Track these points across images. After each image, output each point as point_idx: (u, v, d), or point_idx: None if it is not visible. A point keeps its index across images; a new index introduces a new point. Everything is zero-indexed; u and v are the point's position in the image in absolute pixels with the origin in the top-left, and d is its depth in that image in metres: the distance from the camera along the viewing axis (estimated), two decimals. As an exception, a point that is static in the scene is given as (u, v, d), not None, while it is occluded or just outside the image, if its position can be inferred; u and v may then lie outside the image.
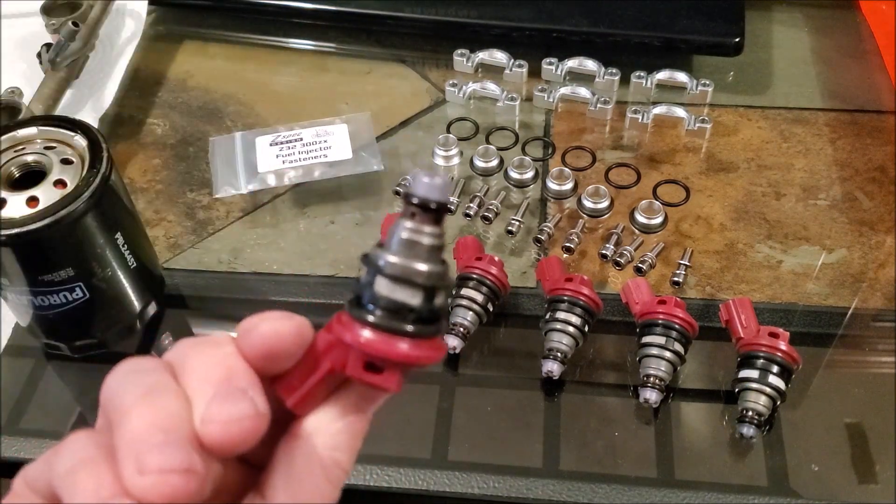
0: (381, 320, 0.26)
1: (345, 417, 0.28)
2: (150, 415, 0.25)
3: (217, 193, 0.65)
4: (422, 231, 0.26)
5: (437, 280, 0.26)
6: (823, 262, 0.60)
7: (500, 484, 0.50)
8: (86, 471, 0.24)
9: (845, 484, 0.50)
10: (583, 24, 0.73)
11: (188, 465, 0.24)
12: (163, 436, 0.24)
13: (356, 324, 0.26)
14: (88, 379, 0.57)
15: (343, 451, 0.27)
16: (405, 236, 0.26)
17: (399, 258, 0.26)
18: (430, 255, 0.26)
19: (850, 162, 0.67)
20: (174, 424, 0.24)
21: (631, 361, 0.54)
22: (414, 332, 0.26)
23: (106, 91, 0.72)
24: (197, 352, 0.27)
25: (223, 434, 0.25)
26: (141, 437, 0.24)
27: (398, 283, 0.26)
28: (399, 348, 0.26)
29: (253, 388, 0.26)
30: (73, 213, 0.48)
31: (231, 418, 0.25)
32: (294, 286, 0.61)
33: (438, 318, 0.27)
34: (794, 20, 0.81)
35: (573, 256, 0.61)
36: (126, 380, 0.26)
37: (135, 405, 0.25)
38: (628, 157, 0.68)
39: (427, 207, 0.26)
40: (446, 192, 0.27)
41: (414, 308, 0.26)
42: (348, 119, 0.68)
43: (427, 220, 0.26)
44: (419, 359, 0.26)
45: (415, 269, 0.26)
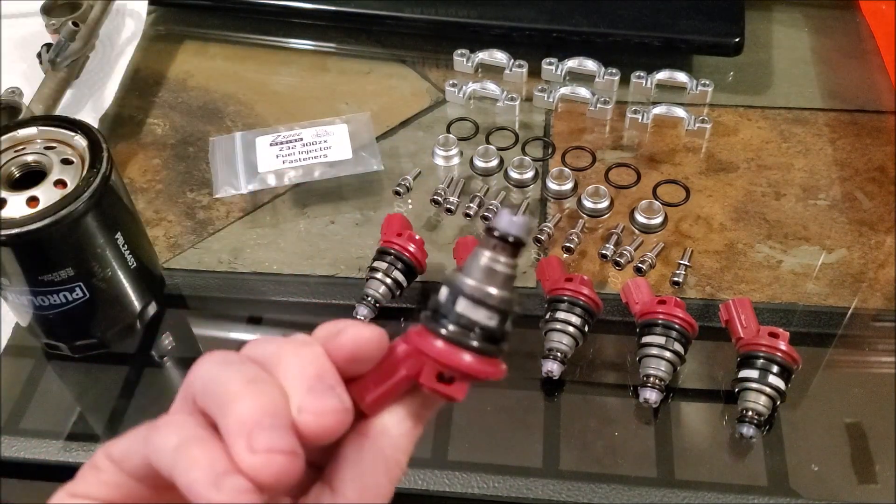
0: (457, 335, 0.29)
1: (408, 422, 0.30)
2: (258, 401, 0.26)
3: (217, 193, 0.65)
4: (499, 260, 0.29)
5: (509, 305, 0.29)
6: (823, 262, 0.60)
7: (500, 484, 0.50)
8: (198, 447, 0.26)
9: (845, 484, 0.50)
10: (583, 24, 0.73)
11: (293, 447, 0.26)
12: (270, 419, 0.26)
13: (434, 337, 0.29)
14: (88, 379, 0.57)
15: (403, 452, 0.30)
16: (484, 263, 0.29)
17: (478, 282, 0.29)
18: (505, 282, 0.29)
19: (850, 162, 0.67)
20: (279, 411, 0.27)
21: (631, 361, 0.54)
22: (486, 349, 0.29)
23: (106, 91, 0.72)
24: (290, 350, 0.29)
25: (317, 424, 0.27)
26: (251, 420, 0.26)
27: (476, 304, 0.29)
28: (471, 361, 0.28)
29: (339, 386, 0.28)
30: (73, 213, 0.48)
31: (324, 410, 0.27)
32: (294, 286, 0.61)
33: (505, 339, 0.30)
34: (794, 20, 0.81)
35: (573, 256, 0.61)
36: (225, 369, 0.28)
37: (241, 391, 0.27)
38: (628, 157, 0.68)
39: (506, 241, 0.29)
40: (526, 230, 0.29)
41: (487, 328, 0.29)
42: (348, 119, 0.68)
43: (505, 251, 0.29)
44: (488, 373, 0.29)
45: (491, 292, 0.29)
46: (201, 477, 0.25)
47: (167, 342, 0.58)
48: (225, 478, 0.25)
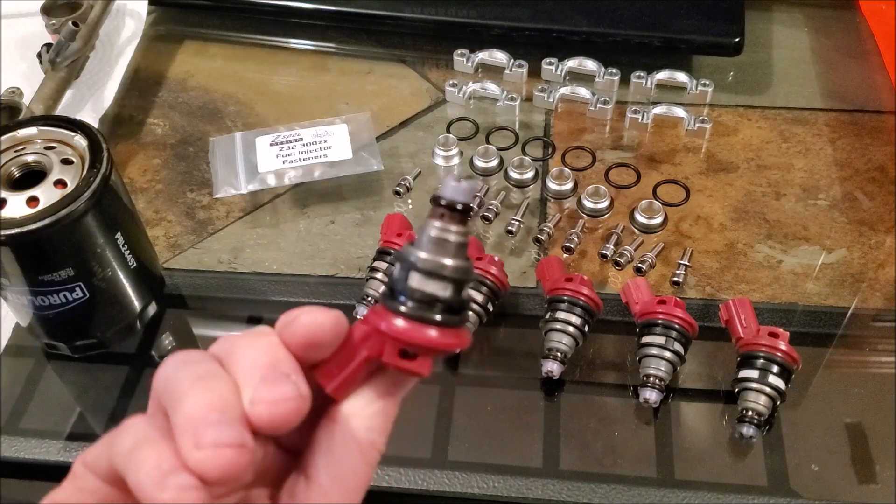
0: (414, 311, 0.28)
1: (379, 401, 0.30)
2: (205, 397, 0.27)
3: (217, 193, 0.65)
4: (449, 230, 0.29)
5: (463, 274, 0.29)
6: (823, 262, 0.60)
7: (500, 484, 0.50)
8: (147, 448, 0.26)
9: (845, 484, 0.50)
10: (583, 24, 0.73)
11: (240, 440, 0.26)
12: (217, 414, 0.26)
13: (391, 314, 0.29)
14: (88, 379, 0.57)
15: (377, 432, 0.30)
16: (434, 234, 0.29)
17: (429, 254, 0.29)
18: (457, 251, 0.29)
19: (850, 162, 0.67)
20: (226, 405, 0.27)
21: (631, 361, 0.54)
22: (444, 321, 0.29)
23: (106, 91, 0.72)
24: (243, 342, 0.29)
25: (270, 413, 0.27)
26: (197, 416, 0.26)
27: (429, 277, 0.29)
28: (431, 336, 0.28)
29: (295, 373, 0.28)
30: (73, 213, 0.48)
31: (277, 399, 0.27)
32: (294, 286, 0.61)
33: (464, 308, 0.30)
34: (794, 20, 0.81)
35: (573, 256, 0.61)
36: (179, 368, 0.28)
37: (190, 389, 0.27)
38: (628, 157, 0.68)
39: (454, 208, 0.29)
40: (471, 195, 0.29)
41: (443, 299, 0.29)
42: (348, 119, 0.68)
43: (454, 219, 0.29)
44: (449, 345, 0.29)
45: (443, 263, 0.29)
46: (147, 477, 0.26)
47: (167, 342, 0.58)
48: (169, 476, 0.25)
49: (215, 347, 0.30)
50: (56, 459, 0.52)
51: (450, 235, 0.29)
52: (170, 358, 0.29)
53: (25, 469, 0.53)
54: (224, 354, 0.29)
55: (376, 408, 0.30)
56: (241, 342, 0.29)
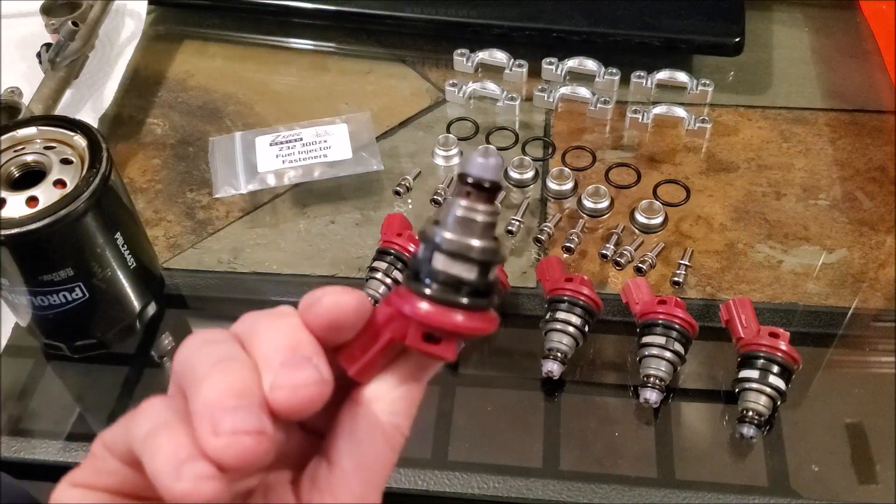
0: (438, 293, 0.27)
1: (403, 385, 0.29)
2: (224, 381, 0.26)
3: (217, 193, 0.65)
4: (475, 209, 0.28)
5: (491, 255, 0.28)
6: (823, 262, 0.60)
7: (500, 484, 0.50)
8: (164, 434, 0.26)
9: (845, 484, 0.50)
10: (583, 24, 0.73)
11: (259, 427, 0.25)
12: (235, 400, 0.25)
13: (415, 297, 0.27)
14: (88, 379, 0.57)
15: (401, 416, 0.29)
16: (460, 214, 0.27)
17: (455, 235, 0.27)
18: (484, 231, 0.28)
19: (850, 162, 0.67)
20: (246, 390, 0.26)
21: (631, 361, 0.54)
22: (469, 304, 0.27)
23: (106, 91, 0.72)
24: (264, 324, 0.28)
25: (291, 399, 0.26)
26: (215, 402, 0.25)
27: (455, 259, 0.27)
28: (456, 319, 0.27)
29: (317, 357, 0.27)
30: (73, 213, 0.48)
31: (298, 384, 0.26)
32: (294, 286, 0.61)
33: (491, 291, 0.28)
34: (794, 20, 0.81)
35: (573, 256, 0.61)
36: (199, 349, 0.28)
37: (209, 372, 0.26)
38: (628, 157, 0.68)
39: (481, 186, 0.27)
40: (499, 171, 0.28)
41: (469, 282, 0.27)
42: (348, 119, 0.68)
43: (481, 198, 0.28)
44: (475, 329, 0.27)
45: (470, 244, 0.27)
46: (163, 465, 0.25)
47: (167, 342, 0.58)
48: (186, 465, 0.25)
49: (237, 326, 0.29)
50: (56, 459, 0.52)
51: (477, 215, 0.28)
52: (190, 337, 0.28)
53: (25, 469, 0.53)
54: (245, 335, 0.28)
55: (401, 392, 0.29)
56: (263, 323, 0.28)
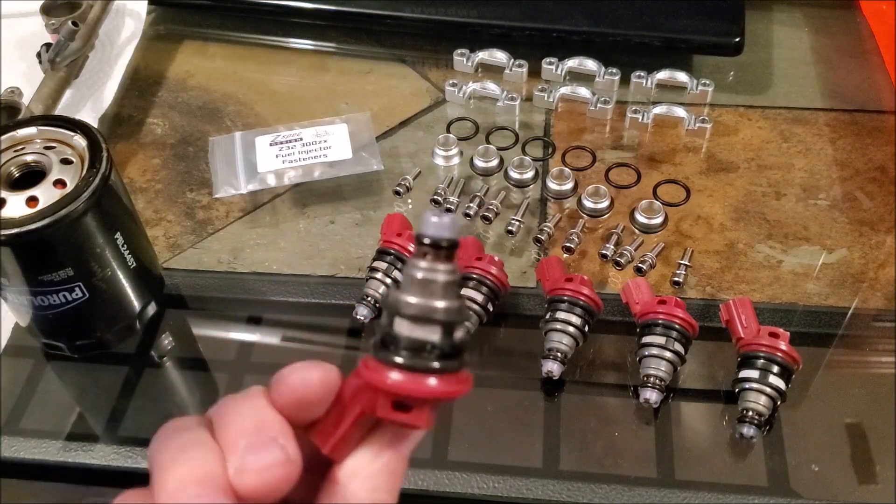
0: (403, 360, 0.27)
1: (381, 458, 0.28)
2: (185, 470, 0.26)
3: (217, 193, 0.65)
4: (436, 269, 0.27)
5: (454, 315, 0.27)
6: (823, 262, 0.60)
7: (500, 484, 0.50)
8: None
9: (845, 484, 0.50)
10: (583, 24, 0.73)
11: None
12: (197, 489, 0.25)
13: (381, 366, 0.27)
14: (88, 379, 0.57)
15: (383, 491, 0.28)
16: (420, 276, 0.27)
17: (416, 298, 0.27)
18: (446, 291, 0.27)
19: (850, 162, 0.67)
20: (207, 477, 0.26)
21: (631, 361, 0.54)
22: (436, 368, 0.27)
23: (106, 91, 0.72)
24: (230, 406, 0.28)
25: (257, 482, 0.26)
26: (176, 491, 0.25)
27: (416, 322, 0.27)
28: (422, 385, 0.27)
29: (284, 437, 0.27)
30: (73, 213, 0.48)
31: (263, 467, 0.26)
32: (294, 286, 0.61)
33: (460, 352, 0.28)
34: (794, 20, 0.81)
35: (573, 256, 0.61)
36: (166, 439, 0.27)
37: (171, 462, 0.26)
38: (628, 157, 0.68)
39: (439, 246, 0.27)
40: (455, 229, 0.27)
41: (435, 344, 0.27)
42: (348, 119, 0.68)
43: (439, 257, 0.27)
44: (444, 393, 0.27)
45: (431, 306, 0.27)
46: None
47: (167, 342, 0.58)
48: None
49: (211, 410, 0.29)
50: (56, 459, 0.52)
51: (437, 275, 0.27)
52: (162, 427, 0.28)
53: (25, 469, 0.53)
54: (215, 419, 0.28)
55: (379, 465, 0.28)
56: (230, 406, 0.28)
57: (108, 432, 0.54)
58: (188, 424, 0.28)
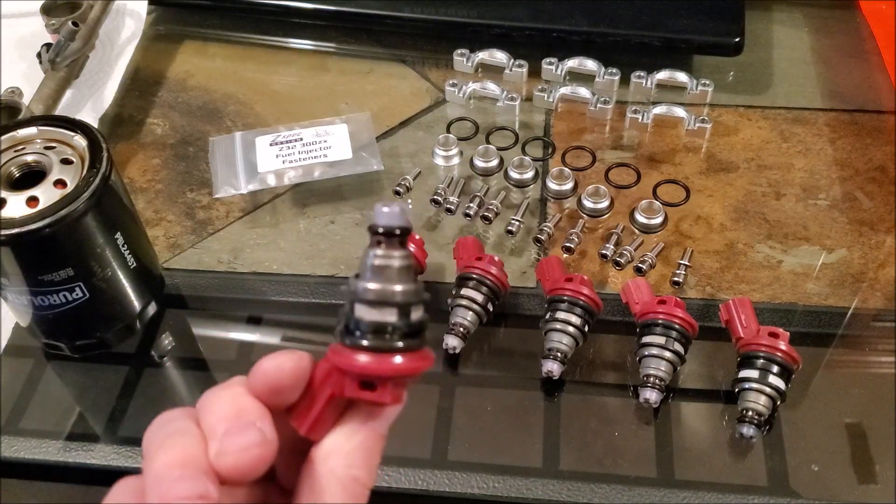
0: (365, 341, 0.29)
1: (356, 436, 0.30)
2: (170, 454, 0.28)
3: (217, 193, 0.65)
4: (390, 255, 0.29)
5: (409, 297, 0.29)
6: (823, 262, 0.60)
7: (500, 484, 0.50)
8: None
9: (845, 484, 0.50)
10: (583, 24, 0.73)
11: (202, 492, 0.27)
12: (180, 471, 0.28)
13: (345, 349, 0.29)
14: (88, 379, 0.57)
15: (359, 467, 0.30)
16: (376, 263, 0.29)
17: (373, 283, 0.29)
18: (401, 275, 0.29)
19: (850, 162, 0.67)
20: (190, 460, 0.28)
21: (631, 361, 0.54)
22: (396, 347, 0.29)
23: (106, 91, 0.72)
24: (211, 395, 0.30)
25: (235, 463, 0.28)
26: (161, 474, 0.28)
27: (373, 306, 0.29)
28: (383, 364, 0.28)
29: (261, 420, 0.29)
30: (73, 213, 0.48)
31: (240, 448, 0.28)
32: (294, 286, 0.61)
33: (419, 331, 0.29)
34: (794, 20, 0.81)
35: (573, 256, 0.61)
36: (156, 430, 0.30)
37: (158, 448, 0.29)
38: (628, 157, 0.68)
39: (391, 234, 0.29)
40: (405, 217, 0.29)
41: (394, 325, 0.29)
42: (348, 119, 0.68)
43: (392, 244, 0.29)
44: (403, 370, 0.29)
45: (388, 290, 0.29)
46: None
47: (167, 342, 0.58)
48: None
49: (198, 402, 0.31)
50: (56, 459, 0.52)
51: (393, 261, 0.29)
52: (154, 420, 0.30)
53: (25, 469, 0.53)
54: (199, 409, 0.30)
55: (354, 443, 0.30)
56: (212, 395, 0.30)
57: (108, 432, 0.54)
58: (176, 415, 0.30)
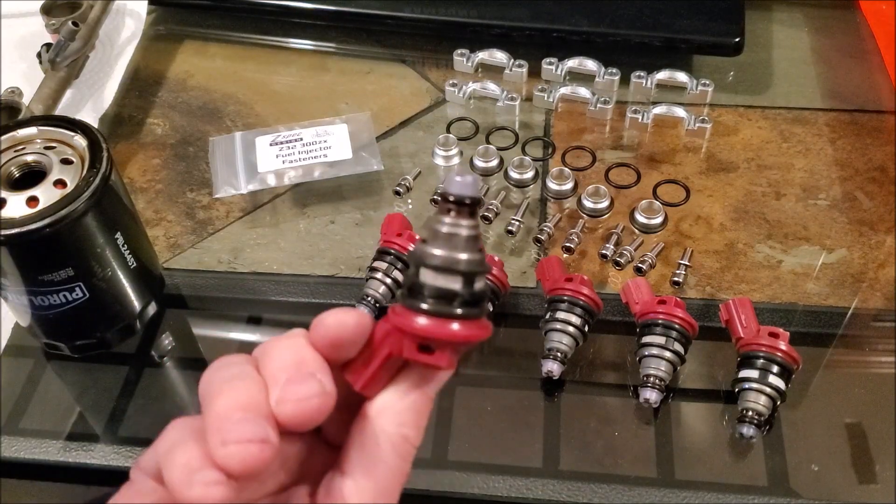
0: (427, 306, 0.29)
1: (408, 396, 0.31)
2: (232, 398, 0.29)
3: (217, 193, 0.65)
4: (459, 224, 0.30)
5: (475, 266, 0.30)
6: (823, 262, 0.60)
7: (500, 484, 0.50)
8: (179, 449, 0.28)
9: (845, 484, 0.50)
10: (583, 24, 0.73)
11: (263, 436, 0.28)
12: (242, 413, 0.28)
13: (407, 311, 0.30)
14: (88, 379, 0.57)
15: (409, 426, 0.31)
16: (445, 230, 0.30)
17: (440, 250, 0.30)
18: (468, 245, 0.30)
19: (850, 162, 0.67)
20: (252, 404, 0.28)
21: (631, 361, 0.54)
22: (457, 314, 0.29)
23: (106, 91, 0.72)
24: (273, 345, 0.31)
25: (295, 411, 0.29)
26: (223, 415, 0.28)
27: (440, 273, 0.29)
28: (444, 329, 0.29)
29: (321, 372, 0.30)
30: (73, 213, 0.48)
31: (301, 397, 0.29)
32: (294, 286, 0.61)
33: (480, 300, 0.30)
34: (794, 20, 0.81)
35: (573, 256, 0.61)
36: (216, 372, 0.30)
37: (220, 391, 0.29)
38: (628, 157, 0.68)
39: (462, 203, 0.30)
40: (478, 188, 0.30)
41: (457, 292, 0.29)
42: (348, 119, 0.68)
43: (463, 214, 0.30)
44: (463, 336, 0.29)
45: (455, 258, 0.29)
46: (177, 476, 0.28)
47: (167, 342, 0.58)
48: (196, 473, 0.27)
49: (256, 350, 0.31)
50: (56, 459, 0.52)
51: (461, 230, 0.30)
52: (213, 363, 0.31)
53: (25, 469, 0.53)
54: (259, 357, 0.31)
55: (406, 403, 0.31)
56: (273, 344, 0.31)
57: (108, 432, 0.54)
58: (236, 360, 0.31)
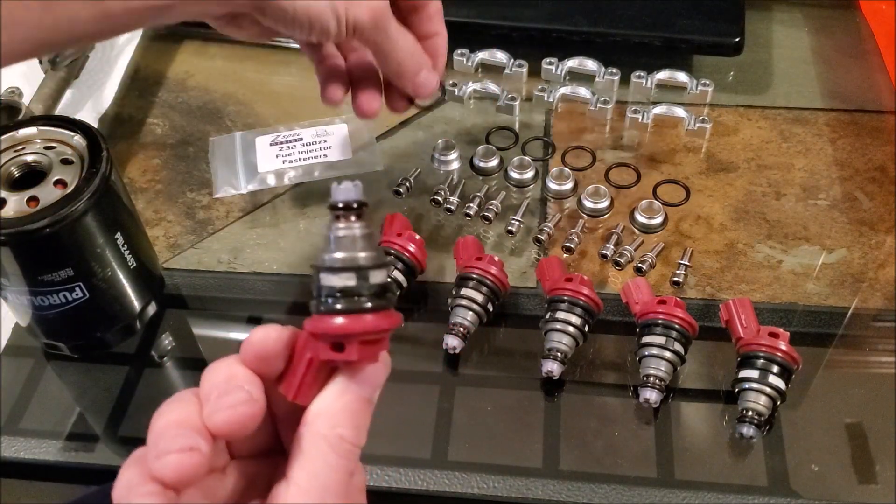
0: (327, 307, 0.31)
1: (341, 399, 0.32)
2: (166, 418, 0.32)
3: (217, 193, 0.65)
4: (351, 227, 0.32)
5: (370, 261, 0.31)
6: (823, 262, 0.60)
7: (500, 484, 0.50)
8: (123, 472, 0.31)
9: (845, 484, 0.50)
10: (583, 24, 0.73)
11: (192, 445, 0.30)
12: (174, 430, 0.31)
13: (315, 316, 0.32)
14: (88, 379, 0.57)
15: (345, 426, 0.32)
16: (338, 234, 0.32)
17: (336, 253, 0.31)
18: (363, 243, 0.32)
19: (850, 162, 0.67)
20: (184, 421, 0.31)
21: (631, 361, 0.54)
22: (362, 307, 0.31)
23: (106, 91, 0.72)
24: (209, 368, 0.33)
25: (225, 419, 0.31)
26: (159, 434, 0.31)
27: (334, 273, 0.31)
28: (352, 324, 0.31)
29: (249, 384, 0.32)
30: (73, 213, 0.48)
31: (230, 405, 0.31)
32: (293, 286, 0.61)
33: (382, 292, 0.32)
34: (794, 20, 0.81)
35: (573, 256, 0.61)
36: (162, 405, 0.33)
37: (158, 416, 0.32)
38: (628, 157, 0.68)
39: (349, 207, 0.32)
40: (360, 191, 0.32)
41: (352, 288, 0.31)
42: (348, 119, 0.68)
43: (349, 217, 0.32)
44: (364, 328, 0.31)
45: (350, 256, 0.31)
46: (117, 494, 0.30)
47: (167, 342, 0.58)
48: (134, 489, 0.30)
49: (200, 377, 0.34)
50: (56, 459, 0.52)
51: (351, 230, 0.31)
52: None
53: (25, 469, 0.53)
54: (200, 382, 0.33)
55: (340, 405, 0.32)
56: (209, 368, 0.33)
57: (108, 432, 0.54)
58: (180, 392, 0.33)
